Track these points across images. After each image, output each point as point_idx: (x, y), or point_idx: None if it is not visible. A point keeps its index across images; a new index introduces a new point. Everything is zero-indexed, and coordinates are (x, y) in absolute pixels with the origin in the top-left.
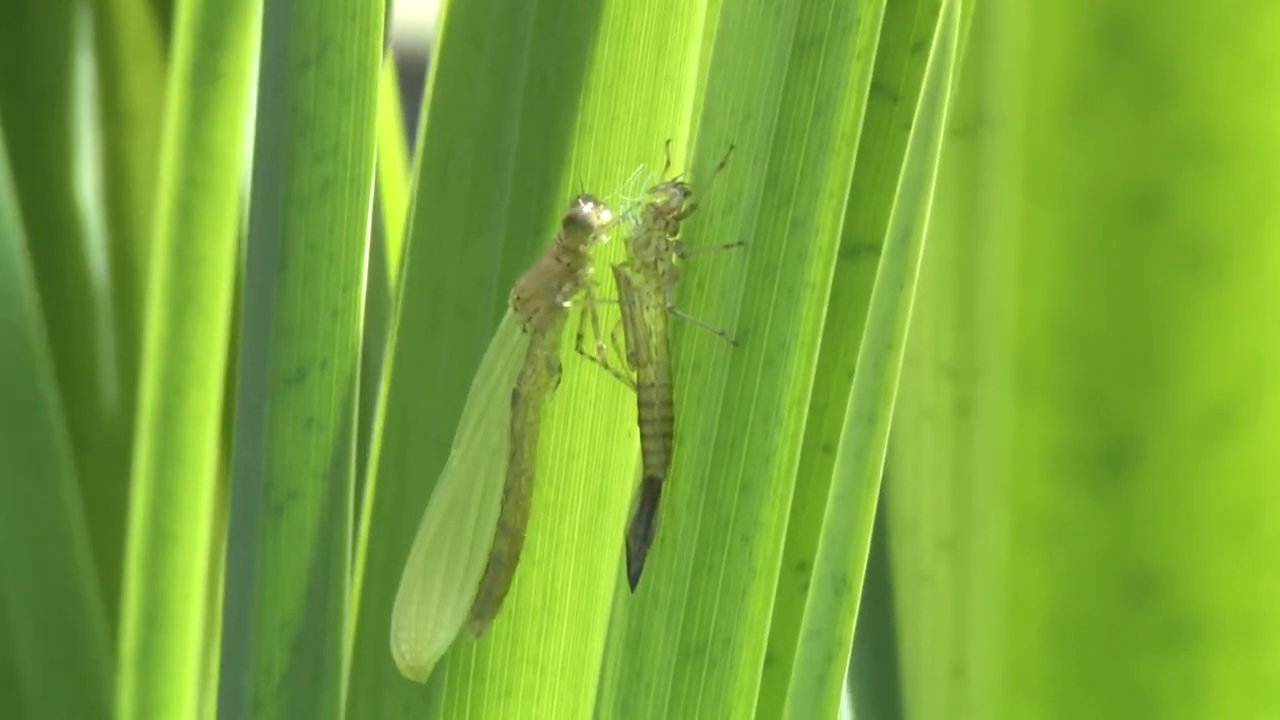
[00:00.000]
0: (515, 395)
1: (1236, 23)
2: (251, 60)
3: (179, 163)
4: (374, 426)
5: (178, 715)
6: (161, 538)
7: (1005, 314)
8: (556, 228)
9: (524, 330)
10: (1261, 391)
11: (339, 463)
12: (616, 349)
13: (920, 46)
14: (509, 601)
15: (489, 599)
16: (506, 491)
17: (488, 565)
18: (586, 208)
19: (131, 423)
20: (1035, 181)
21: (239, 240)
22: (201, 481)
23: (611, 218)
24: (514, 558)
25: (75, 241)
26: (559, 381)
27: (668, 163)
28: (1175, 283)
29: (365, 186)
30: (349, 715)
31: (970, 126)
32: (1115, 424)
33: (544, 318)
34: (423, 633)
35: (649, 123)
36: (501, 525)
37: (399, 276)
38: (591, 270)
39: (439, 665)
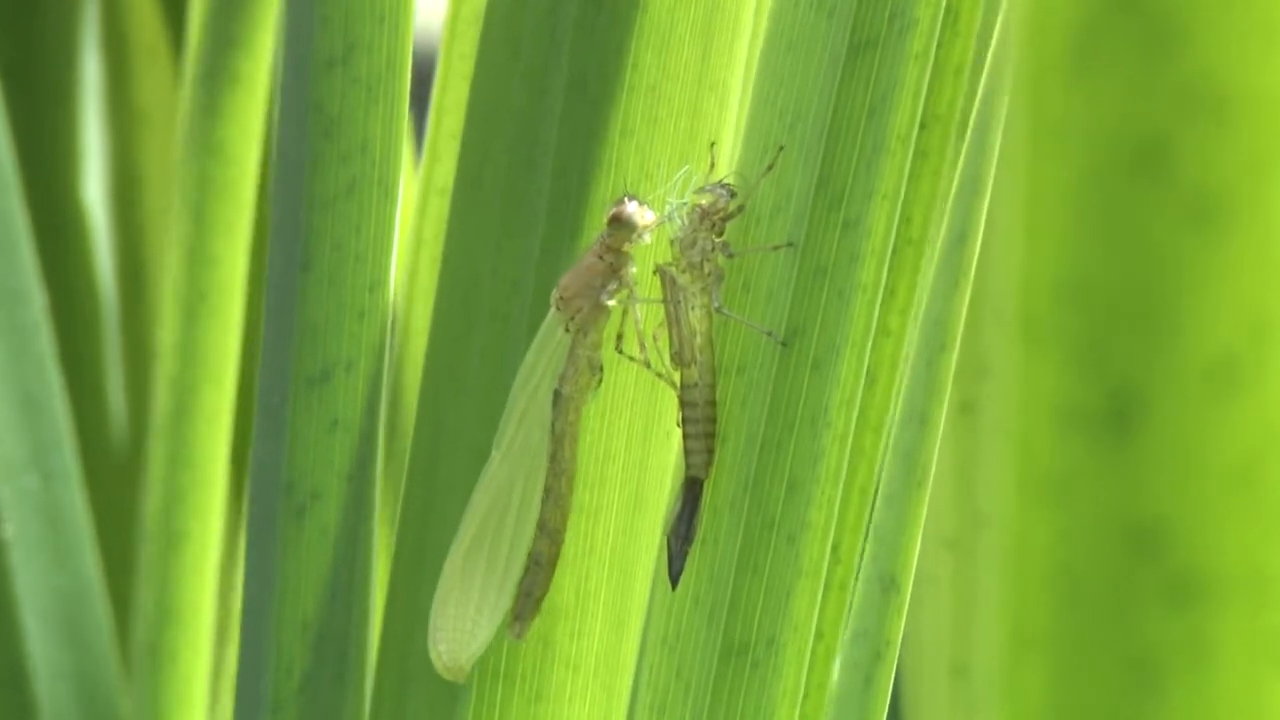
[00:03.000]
0: (557, 395)
1: None
2: (267, 61)
3: (192, 163)
4: (399, 428)
5: (189, 715)
6: (173, 536)
7: (1010, 270)
8: (596, 229)
9: (566, 330)
10: (1266, 345)
11: (364, 464)
12: (659, 349)
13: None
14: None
15: (528, 600)
16: (547, 491)
17: (527, 566)
18: (631, 206)
19: (138, 423)
20: (1039, 134)
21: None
22: (215, 481)
23: (655, 218)
24: (553, 559)
25: (83, 241)
26: (600, 381)
27: (711, 165)
28: (1180, 236)
29: (393, 187)
30: (373, 717)
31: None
32: (1120, 379)
33: (587, 317)
34: (461, 632)
35: (691, 126)
36: (541, 526)
37: (409, 274)
38: (634, 270)
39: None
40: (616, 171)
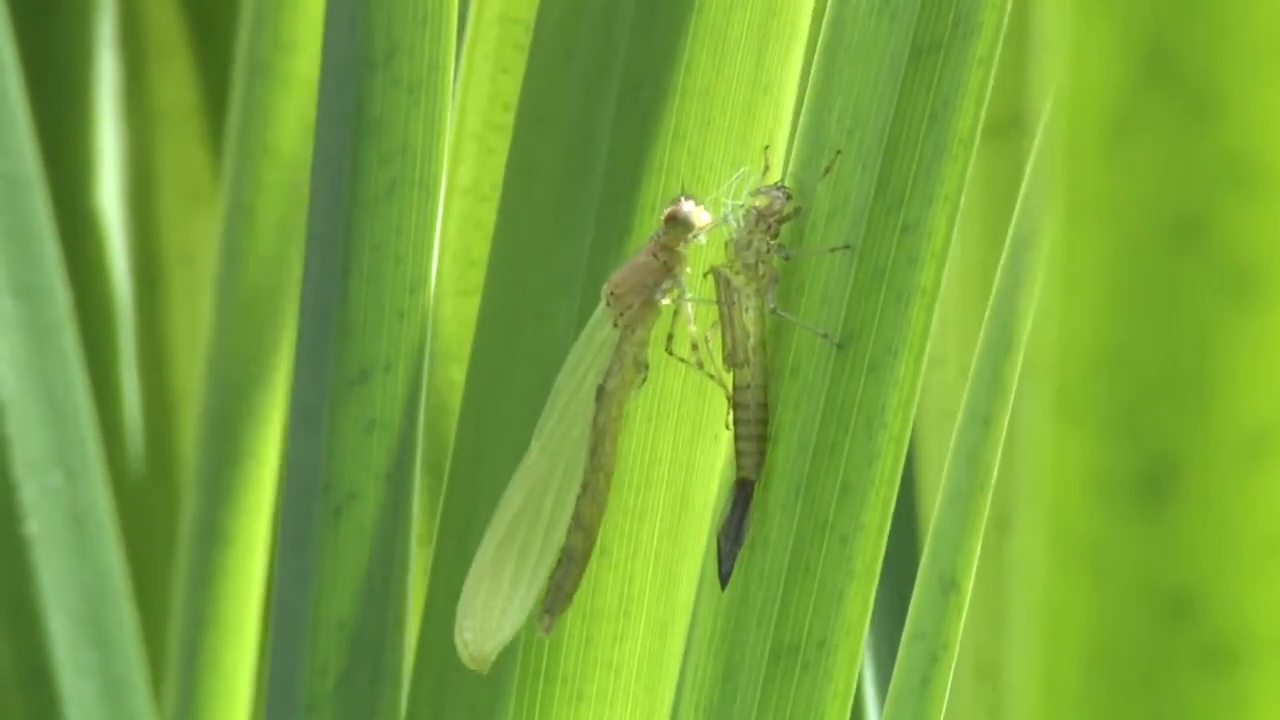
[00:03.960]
0: (600, 390)
1: (1277, 48)
2: (315, 61)
3: (244, 164)
4: (438, 428)
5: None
6: (218, 538)
7: (1045, 338)
8: (646, 232)
9: (614, 325)
10: None
11: (402, 465)
12: (711, 350)
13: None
14: (584, 603)
15: (559, 593)
16: (584, 486)
17: (559, 559)
18: (688, 205)
19: (153, 424)
20: (1075, 205)
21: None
22: (263, 483)
23: (711, 219)
24: (586, 554)
25: (98, 240)
26: (644, 379)
27: (765, 167)
28: (1216, 309)
29: (434, 189)
30: (410, 718)
31: (998, 128)
32: (1154, 448)
33: (637, 314)
34: (488, 622)
35: (745, 130)
36: (576, 520)
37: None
38: (688, 270)
39: (509, 665)
40: (668, 174)
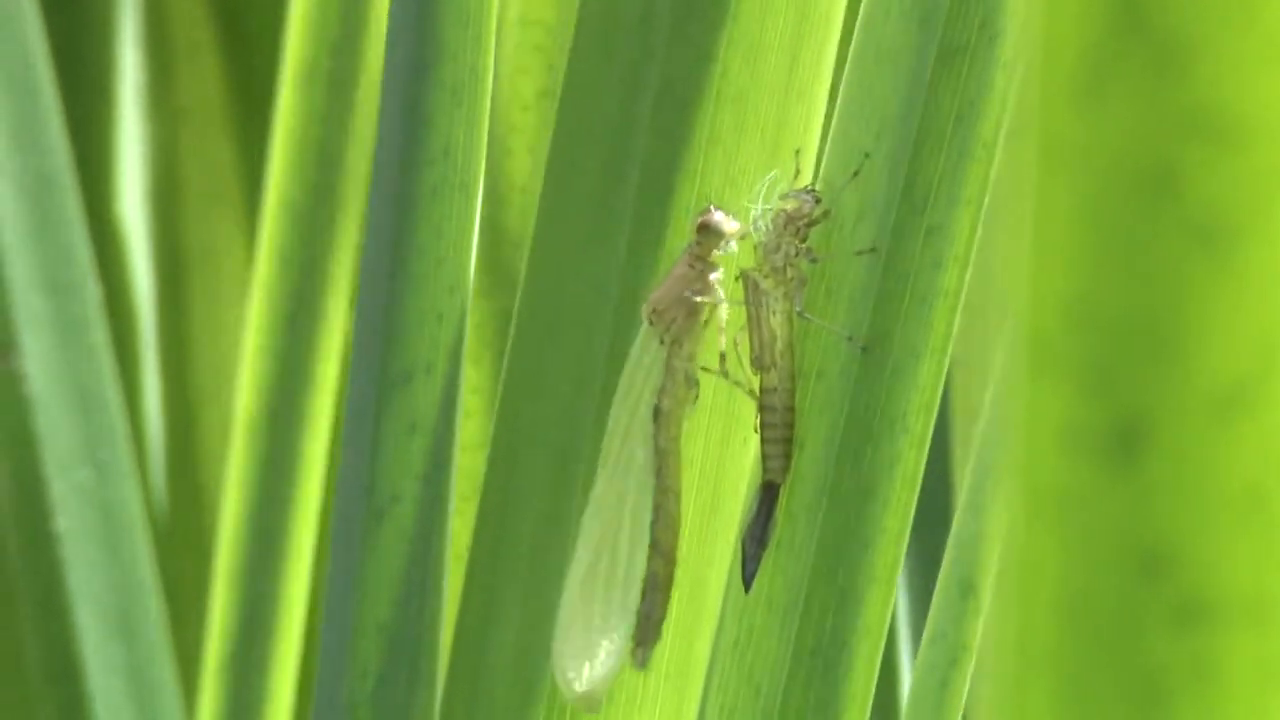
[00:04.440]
0: (657, 411)
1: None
2: (374, 65)
3: (296, 167)
4: (474, 430)
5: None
6: (265, 539)
7: (1017, 293)
8: (681, 235)
9: (661, 343)
10: (1273, 371)
11: (441, 467)
12: (739, 354)
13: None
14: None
15: (649, 623)
16: (656, 510)
17: (643, 588)
18: (718, 214)
19: (175, 424)
20: (1046, 157)
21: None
22: (311, 486)
23: (740, 227)
24: (669, 579)
25: (121, 239)
26: (697, 396)
27: (797, 172)
28: (1187, 261)
29: (474, 191)
30: (444, 718)
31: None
32: (1127, 402)
33: (682, 327)
34: (589, 661)
35: (778, 135)
36: (654, 545)
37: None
38: (721, 277)
39: (540, 669)
40: (703, 179)
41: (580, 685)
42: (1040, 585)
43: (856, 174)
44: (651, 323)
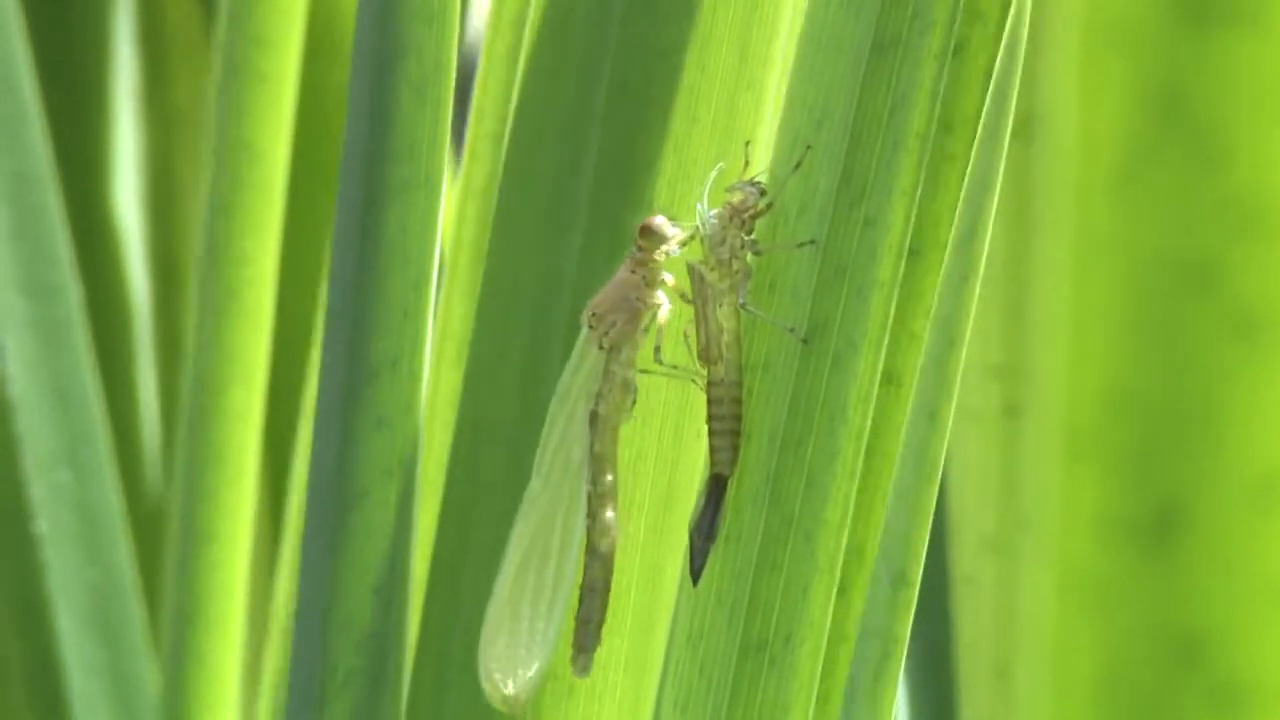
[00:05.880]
0: (593, 416)
1: None
2: (296, 59)
3: (223, 161)
4: (435, 424)
5: (219, 714)
6: (201, 536)
7: (1055, 381)
8: (632, 234)
9: (600, 348)
10: None
11: (407, 463)
12: (688, 346)
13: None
14: (571, 602)
15: (587, 628)
16: (591, 516)
17: (581, 594)
18: (660, 219)
19: (171, 423)
20: (1085, 247)
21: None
22: (245, 481)
23: (682, 233)
24: (607, 585)
25: (116, 239)
26: (634, 402)
27: (746, 163)
28: (1224, 351)
29: (437, 187)
30: (410, 714)
31: (1021, 130)
32: (1164, 490)
33: (621, 332)
34: (514, 662)
35: (729, 125)
36: (591, 551)
37: (450, 275)
38: (671, 281)
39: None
40: (656, 170)
41: (507, 688)
42: (1076, 669)
43: (799, 166)
44: (592, 326)
